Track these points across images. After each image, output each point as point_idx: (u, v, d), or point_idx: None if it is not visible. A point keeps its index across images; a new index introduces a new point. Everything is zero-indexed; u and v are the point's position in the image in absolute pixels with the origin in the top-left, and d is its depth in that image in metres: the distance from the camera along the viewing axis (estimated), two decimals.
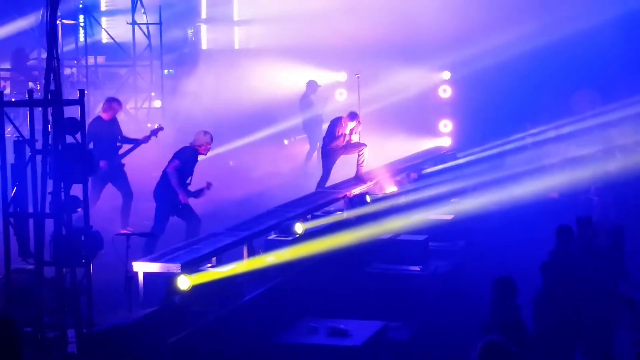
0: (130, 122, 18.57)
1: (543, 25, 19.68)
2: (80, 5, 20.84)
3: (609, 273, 10.08)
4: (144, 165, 15.20)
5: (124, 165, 14.32)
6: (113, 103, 14.52)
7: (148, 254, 11.16)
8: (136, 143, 14.41)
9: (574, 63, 19.90)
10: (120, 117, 19.22)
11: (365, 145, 15.85)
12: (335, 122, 15.87)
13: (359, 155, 15.75)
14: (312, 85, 20.34)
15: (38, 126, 9.33)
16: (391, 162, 17.22)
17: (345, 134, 15.71)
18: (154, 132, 14.50)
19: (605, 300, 9.96)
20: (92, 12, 21.05)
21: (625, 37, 20.39)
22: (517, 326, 8.88)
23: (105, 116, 14.32)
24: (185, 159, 12.79)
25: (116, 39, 20.70)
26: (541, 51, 19.91)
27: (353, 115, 15.80)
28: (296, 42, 21.09)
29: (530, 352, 8.53)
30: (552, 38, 19.66)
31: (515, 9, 19.89)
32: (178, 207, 12.70)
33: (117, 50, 20.39)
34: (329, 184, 15.74)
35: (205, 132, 13.04)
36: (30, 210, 9.29)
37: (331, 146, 15.79)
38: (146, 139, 14.32)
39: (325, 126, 17.21)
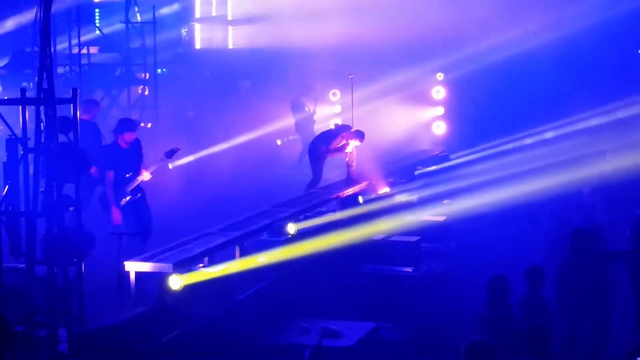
0: None
1: (537, 27, 19.71)
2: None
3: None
4: None
5: None
6: (88, 105, 14.41)
7: (140, 253, 11.12)
8: None
9: (566, 65, 19.94)
10: (113, 113, 19.32)
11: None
12: (334, 135, 15.33)
13: (349, 154, 15.62)
14: (303, 85, 20.36)
15: (31, 125, 9.31)
16: (384, 163, 17.19)
17: (340, 149, 15.12)
18: None
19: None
20: (85, 8, 20.99)
21: (617, 40, 20.43)
22: (510, 324, 8.92)
23: (85, 117, 14.16)
24: (112, 162, 12.55)
25: (110, 33, 20.64)
26: (535, 53, 19.94)
27: (360, 135, 15.04)
28: (289, 42, 21.09)
29: (521, 350, 8.56)
30: (545, 40, 19.70)
31: (508, 11, 19.91)
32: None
33: (110, 44, 20.36)
34: (322, 185, 15.68)
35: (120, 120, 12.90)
36: (22, 209, 9.26)
37: (321, 151, 15.58)
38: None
39: (318, 128, 17.06)
